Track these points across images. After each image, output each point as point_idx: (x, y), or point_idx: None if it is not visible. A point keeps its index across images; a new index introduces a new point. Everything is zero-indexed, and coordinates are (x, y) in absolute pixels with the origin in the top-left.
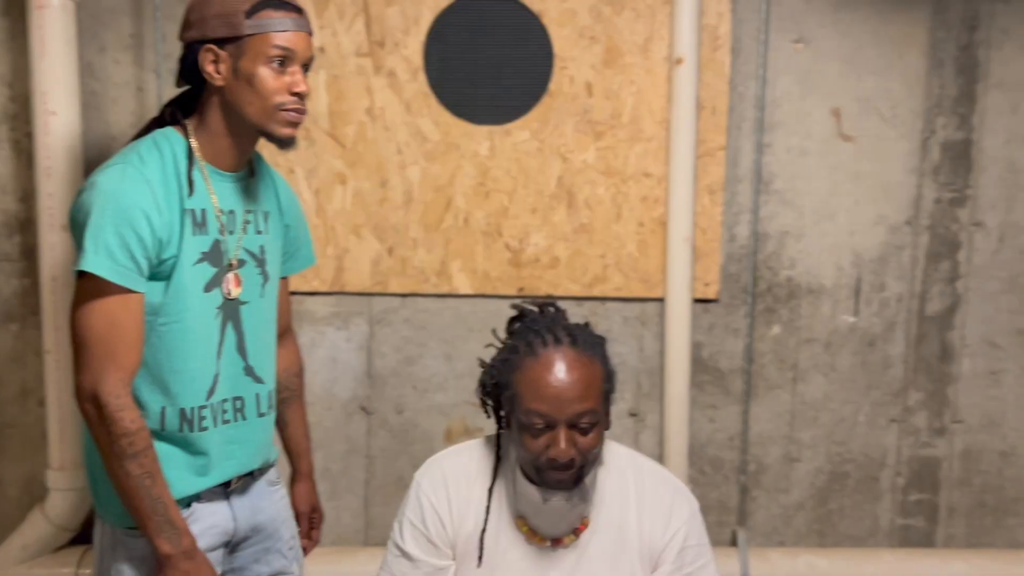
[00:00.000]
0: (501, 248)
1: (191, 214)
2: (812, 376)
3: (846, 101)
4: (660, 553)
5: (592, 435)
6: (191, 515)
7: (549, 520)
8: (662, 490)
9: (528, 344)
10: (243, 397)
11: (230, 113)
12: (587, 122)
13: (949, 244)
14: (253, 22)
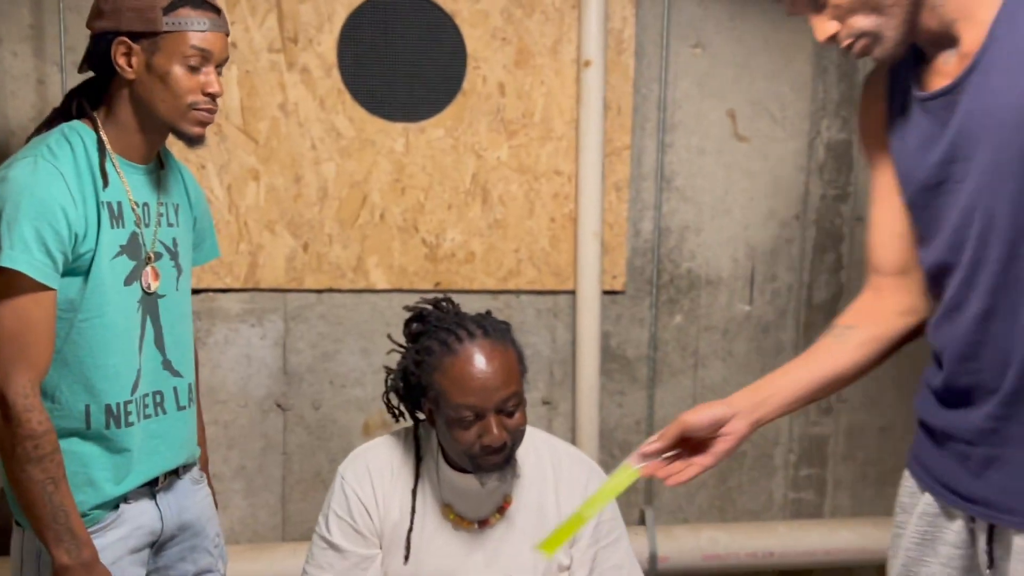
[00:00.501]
0: (417, 243)
1: (107, 207)
2: (711, 362)
3: (740, 103)
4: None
5: (518, 415)
6: (119, 516)
7: (476, 503)
8: (577, 469)
9: (443, 343)
10: (162, 391)
11: (140, 107)
12: (500, 121)
13: (833, 237)
14: (170, 19)
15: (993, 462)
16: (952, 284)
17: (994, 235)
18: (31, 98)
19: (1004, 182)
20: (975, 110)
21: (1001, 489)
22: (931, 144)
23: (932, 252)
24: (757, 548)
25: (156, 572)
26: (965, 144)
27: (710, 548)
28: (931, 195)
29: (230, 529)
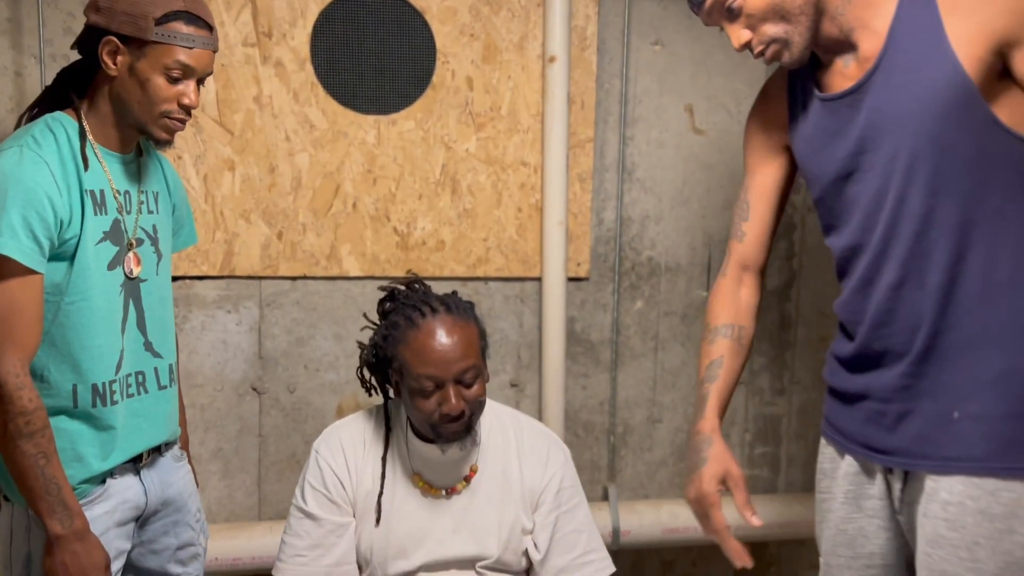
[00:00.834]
0: (389, 232)
1: (91, 195)
2: (671, 345)
3: (698, 99)
4: (539, 495)
5: (476, 387)
6: (105, 491)
7: (443, 471)
8: (539, 441)
9: (408, 318)
10: (144, 371)
11: (117, 103)
12: (468, 114)
13: (786, 226)
14: (161, 30)
15: (906, 416)
16: (863, 262)
17: (904, 214)
18: (9, 90)
19: (914, 166)
20: (880, 106)
21: (915, 439)
22: (839, 139)
23: (844, 236)
24: None
25: (141, 545)
26: (873, 136)
27: (670, 522)
28: (842, 185)
29: (208, 509)
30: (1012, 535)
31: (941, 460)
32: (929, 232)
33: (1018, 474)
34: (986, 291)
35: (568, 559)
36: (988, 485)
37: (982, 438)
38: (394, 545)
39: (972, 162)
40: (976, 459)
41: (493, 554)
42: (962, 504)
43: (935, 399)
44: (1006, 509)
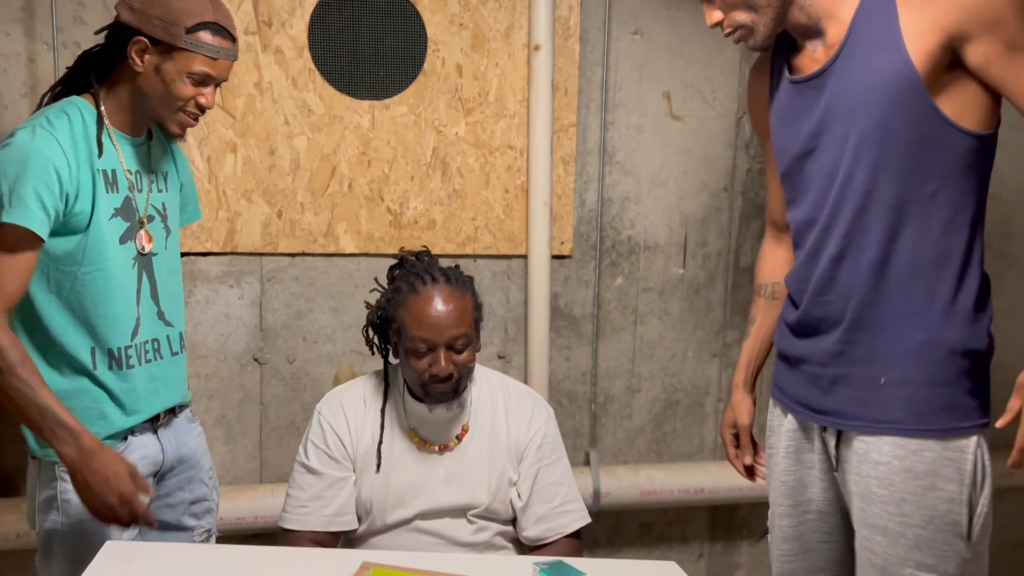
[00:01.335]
0: (383, 212)
1: (103, 174)
2: (649, 319)
3: (675, 86)
4: (524, 448)
5: (466, 353)
6: (127, 447)
7: (436, 429)
8: (524, 400)
9: (410, 284)
10: (159, 339)
11: (138, 95)
12: (458, 99)
13: (758, 207)
14: (190, 39)
15: (839, 380)
16: (813, 235)
17: (850, 192)
18: (22, 75)
19: (861, 148)
20: (838, 91)
21: (847, 401)
22: (803, 120)
23: (800, 211)
24: (689, 485)
25: (158, 499)
26: (830, 119)
27: (647, 485)
28: (802, 163)
29: None
30: (934, 491)
31: (869, 421)
32: (869, 209)
33: (936, 435)
34: (914, 267)
35: (548, 508)
36: (911, 445)
37: (905, 402)
38: (392, 495)
39: (913, 148)
40: (900, 421)
41: (483, 503)
42: (889, 463)
43: (865, 365)
44: (928, 467)
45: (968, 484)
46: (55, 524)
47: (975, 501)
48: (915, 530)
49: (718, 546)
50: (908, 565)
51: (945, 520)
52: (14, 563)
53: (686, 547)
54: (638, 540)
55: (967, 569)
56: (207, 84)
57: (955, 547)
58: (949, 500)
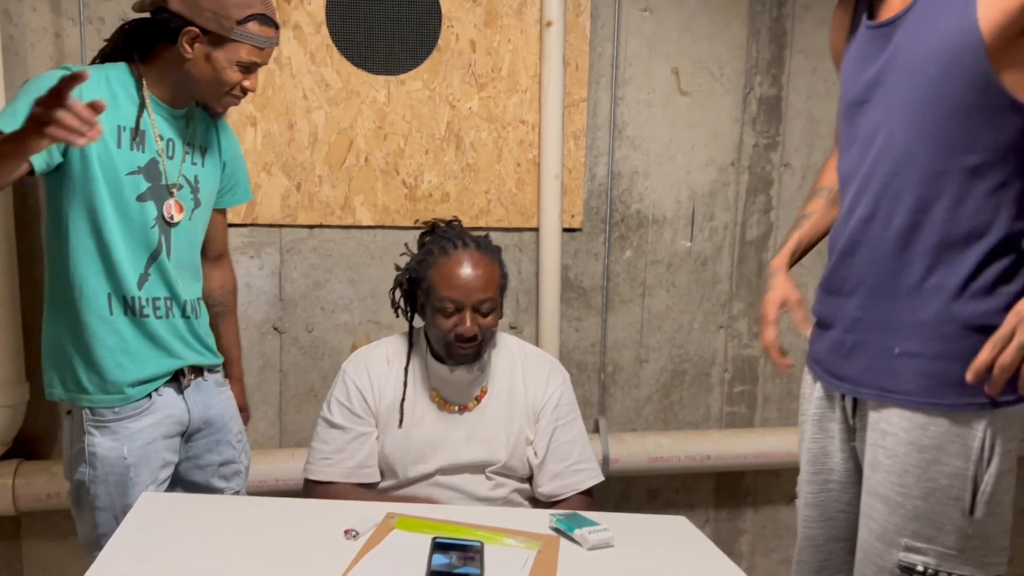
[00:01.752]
0: (398, 185)
1: (130, 132)
2: (657, 292)
3: (684, 62)
4: (540, 409)
5: (491, 318)
6: (152, 404)
7: (457, 390)
8: (541, 363)
9: (442, 247)
10: (171, 298)
11: (185, 77)
12: (471, 74)
13: (764, 182)
14: (241, 30)
15: (857, 347)
16: (850, 192)
17: (888, 153)
18: (49, 50)
19: (907, 108)
20: (902, 44)
21: (862, 369)
22: (867, 66)
23: (844, 161)
24: (696, 452)
25: (187, 460)
26: (888, 72)
27: (655, 452)
28: (855, 111)
29: None
30: (937, 465)
31: (880, 391)
32: (903, 174)
33: (945, 410)
34: (942, 241)
35: (563, 466)
36: (919, 419)
37: (916, 374)
38: (414, 451)
39: (961, 116)
40: (909, 393)
41: (501, 459)
42: (897, 435)
43: (881, 334)
44: (933, 442)
45: (974, 460)
46: (83, 476)
47: (980, 478)
48: (915, 501)
49: (723, 512)
50: (905, 535)
51: (947, 494)
52: (44, 523)
53: (692, 513)
54: (646, 506)
55: (969, 545)
56: (252, 70)
57: (955, 522)
58: (952, 475)
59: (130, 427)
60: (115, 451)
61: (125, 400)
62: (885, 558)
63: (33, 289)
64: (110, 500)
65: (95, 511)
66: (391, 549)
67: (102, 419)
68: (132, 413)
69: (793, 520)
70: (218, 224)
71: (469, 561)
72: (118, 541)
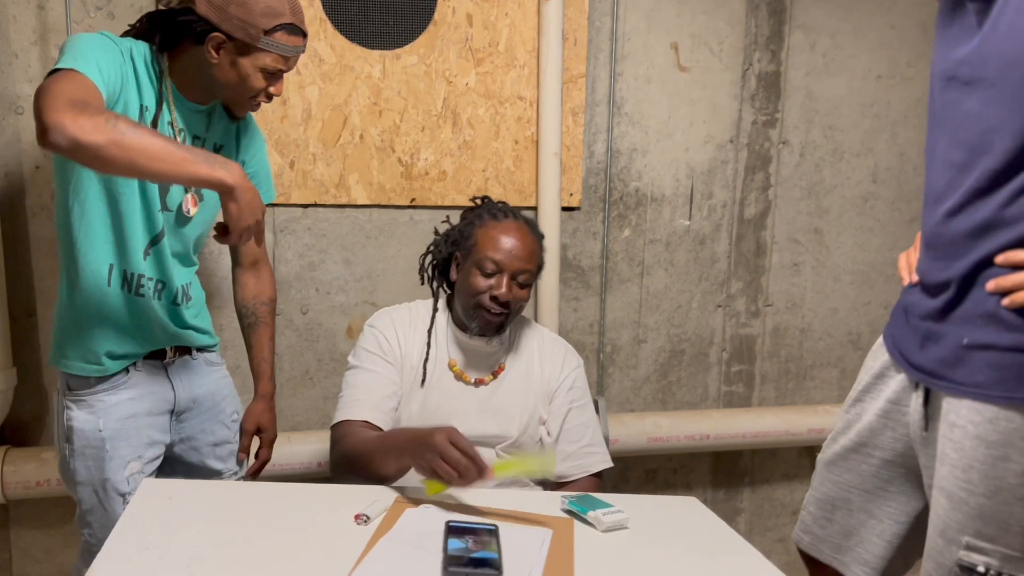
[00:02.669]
0: (394, 163)
1: (151, 114)
2: (655, 271)
3: (682, 37)
4: (555, 390)
5: (525, 291)
6: (129, 379)
7: (476, 361)
8: (558, 347)
9: (491, 214)
10: (164, 282)
11: (210, 79)
12: (468, 49)
13: (762, 159)
14: (268, 40)
15: (931, 336)
16: (942, 178)
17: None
18: (32, 22)
19: (1005, 103)
20: (1000, 25)
21: (934, 360)
22: (961, 40)
23: (932, 141)
24: (695, 431)
25: (182, 442)
26: (980, 53)
27: (654, 432)
28: (945, 87)
29: None
30: (1006, 462)
31: (952, 383)
32: (1002, 172)
33: (1016, 404)
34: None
35: (575, 447)
36: (988, 412)
37: (988, 366)
38: (428, 415)
39: None
40: (980, 385)
41: (513, 435)
42: (964, 428)
43: (955, 324)
44: (1002, 437)
45: None
46: (64, 450)
47: None
48: (979, 499)
49: (721, 492)
50: (967, 532)
51: (1014, 494)
52: (32, 511)
53: (689, 493)
54: (644, 486)
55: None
56: (278, 76)
57: (1022, 523)
58: (1021, 473)
59: (106, 400)
60: (90, 424)
61: (103, 372)
62: (946, 555)
63: (19, 278)
64: (88, 474)
65: (76, 486)
66: (404, 533)
67: (79, 393)
68: (108, 387)
69: (790, 500)
70: None
71: (485, 545)
72: (122, 529)
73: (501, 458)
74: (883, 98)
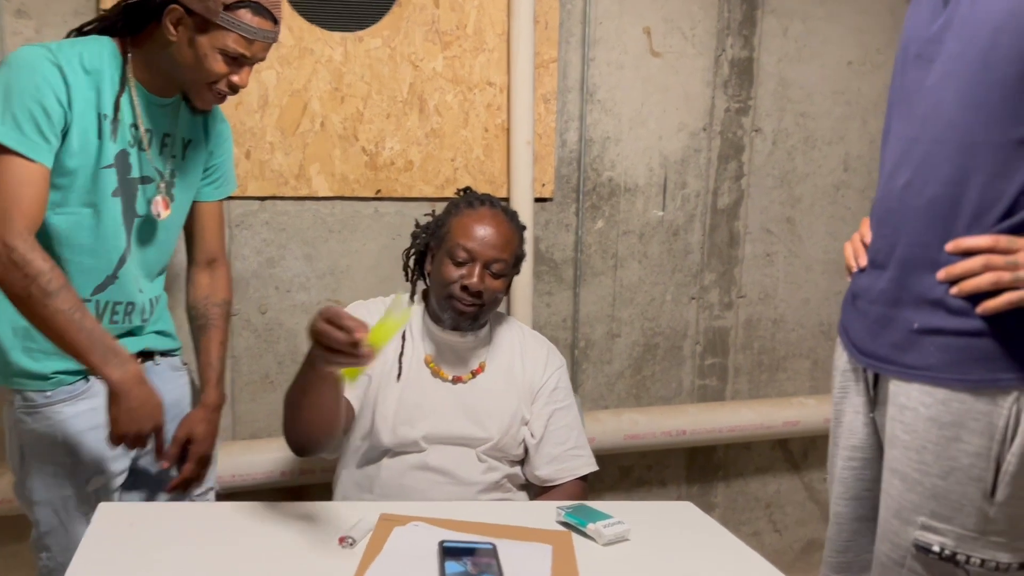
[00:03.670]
0: (357, 152)
1: (110, 121)
2: (629, 263)
3: (655, 21)
4: (538, 389)
5: (499, 281)
6: (89, 388)
7: (453, 358)
8: (540, 346)
9: (468, 202)
10: (134, 303)
11: (170, 62)
12: (435, 32)
13: (735, 147)
14: (228, 16)
15: (881, 321)
16: (894, 153)
17: (935, 118)
18: None
19: (955, 74)
20: (963, 6)
21: (884, 344)
22: (930, 20)
23: (888, 120)
24: (671, 427)
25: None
26: (948, 29)
27: (631, 429)
28: (910, 66)
29: None
30: (957, 443)
31: (902, 367)
32: (946, 142)
33: (967, 386)
34: (974, 218)
35: (561, 449)
36: (940, 394)
37: (939, 349)
38: (403, 412)
39: (1011, 87)
40: (932, 369)
41: (493, 437)
42: (916, 410)
43: (903, 308)
44: (955, 418)
45: (998, 440)
46: (18, 467)
47: (1003, 458)
48: (933, 480)
49: (695, 488)
50: (922, 513)
51: (967, 474)
52: None
53: (664, 490)
54: (619, 484)
55: (990, 527)
56: (242, 64)
57: (976, 503)
58: (974, 454)
59: (64, 411)
60: (47, 438)
61: (57, 384)
62: (901, 536)
63: None
64: (47, 493)
65: (33, 506)
66: (395, 556)
67: (33, 404)
68: (66, 397)
69: (763, 493)
70: (210, 220)
71: (486, 568)
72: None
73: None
74: (854, 85)
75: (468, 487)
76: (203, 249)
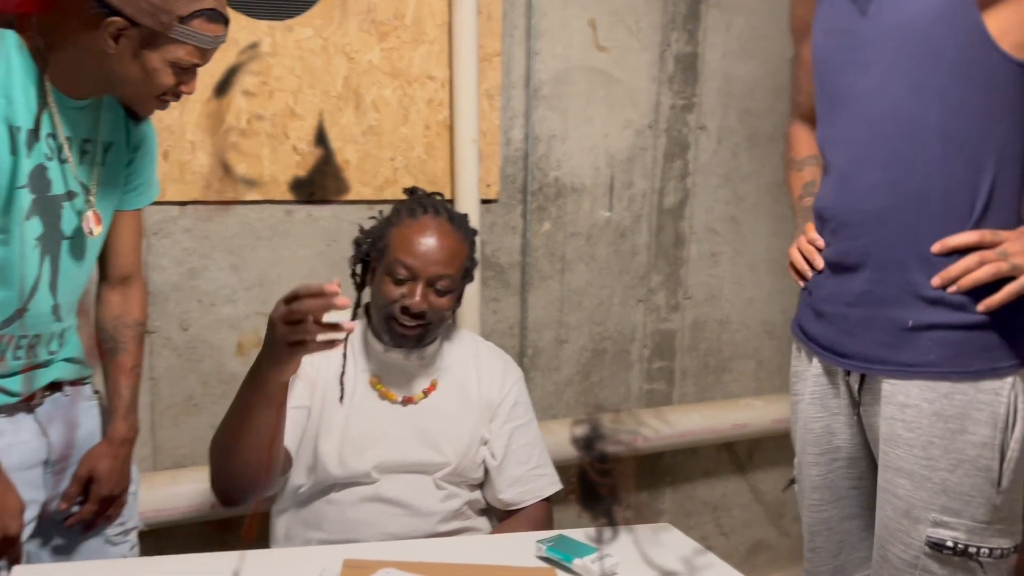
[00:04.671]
0: (288, 151)
1: (24, 133)
2: (576, 266)
3: (600, 14)
4: (497, 406)
5: (445, 299)
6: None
7: (400, 378)
8: (496, 359)
9: (410, 209)
10: (41, 335)
11: (103, 73)
12: (371, 22)
13: (681, 145)
14: (183, 29)
15: (865, 322)
16: (843, 158)
17: (893, 116)
18: None
19: (902, 69)
20: (887, 3)
21: (873, 344)
22: (846, 30)
23: (830, 128)
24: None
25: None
26: (874, 30)
27: None
28: (838, 74)
29: None
30: (963, 435)
31: (899, 366)
32: (914, 139)
33: (969, 377)
34: (955, 211)
35: (523, 470)
36: (942, 388)
37: (936, 344)
38: (350, 440)
39: (963, 75)
40: (931, 364)
41: (451, 461)
42: (918, 407)
43: (893, 307)
44: (959, 411)
45: (1001, 428)
46: None
47: (1007, 446)
48: (942, 474)
49: (644, 494)
50: (933, 509)
51: (976, 465)
52: None
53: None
54: (568, 496)
55: (996, 516)
56: (192, 73)
57: (985, 493)
58: (980, 445)
59: None
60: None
61: None
62: (913, 535)
63: None
64: None
65: None
66: None
67: None
68: None
69: (710, 496)
70: (126, 231)
71: None
72: None
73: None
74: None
75: (426, 518)
76: (117, 265)
